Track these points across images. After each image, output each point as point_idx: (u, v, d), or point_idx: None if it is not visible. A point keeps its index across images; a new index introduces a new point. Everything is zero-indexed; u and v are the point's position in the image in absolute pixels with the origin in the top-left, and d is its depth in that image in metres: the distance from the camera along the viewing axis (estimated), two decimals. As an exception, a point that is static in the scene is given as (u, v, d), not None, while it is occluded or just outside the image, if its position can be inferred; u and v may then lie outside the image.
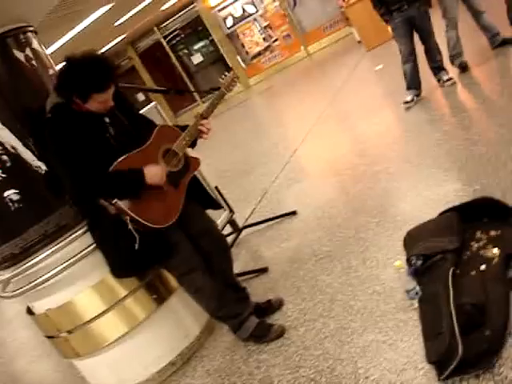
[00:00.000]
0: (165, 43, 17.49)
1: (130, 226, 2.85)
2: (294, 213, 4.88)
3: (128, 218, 2.84)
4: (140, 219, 2.84)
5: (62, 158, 2.87)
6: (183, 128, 3.23)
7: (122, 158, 2.86)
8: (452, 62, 6.28)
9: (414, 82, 6.13)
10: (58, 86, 2.90)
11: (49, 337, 3.51)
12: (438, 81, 6.18)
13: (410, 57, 6.06)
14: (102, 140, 2.93)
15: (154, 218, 2.90)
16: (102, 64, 2.85)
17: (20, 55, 3.15)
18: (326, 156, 6.45)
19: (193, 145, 3.25)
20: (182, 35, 17.70)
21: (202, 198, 3.40)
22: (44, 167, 3.07)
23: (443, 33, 6.15)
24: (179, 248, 3.08)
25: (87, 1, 7.55)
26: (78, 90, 2.82)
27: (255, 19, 16.37)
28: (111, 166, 2.83)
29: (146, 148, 2.99)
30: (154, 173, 2.91)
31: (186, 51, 17.88)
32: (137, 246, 2.89)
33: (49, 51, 3.47)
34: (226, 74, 3.47)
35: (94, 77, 2.79)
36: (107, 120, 3.00)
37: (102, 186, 2.86)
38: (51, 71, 3.37)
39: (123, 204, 2.83)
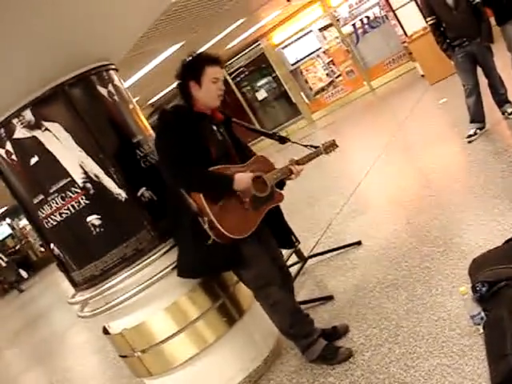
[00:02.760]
0: (230, 80, 17.87)
1: (205, 226, 3.05)
2: (358, 243, 4.94)
3: (206, 219, 3.04)
4: (216, 223, 3.03)
5: (166, 144, 3.15)
6: None
7: (219, 166, 3.14)
8: None
9: (477, 116, 6.14)
10: (178, 77, 3.31)
11: (123, 356, 3.66)
12: (503, 113, 6.15)
13: (473, 91, 6.09)
14: (204, 144, 3.19)
15: (229, 226, 3.08)
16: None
17: (103, 91, 3.41)
18: (390, 188, 6.49)
19: (281, 185, 3.53)
20: (247, 72, 18.06)
21: (280, 235, 3.64)
22: (124, 195, 3.28)
23: (509, 66, 6.15)
24: (257, 261, 3.25)
25: (162, 39, 7.90)
26: (191, 68, 3.22)
27: (318, 55, 16.59)
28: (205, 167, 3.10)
29: (241, 167, 3.27)
30: (242, 178, 3.14)
31: (249, 88, 18.22)
32: (210, 241, 3.06)
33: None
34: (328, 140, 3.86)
35: (204, 54, 3.32)
36: (214, 128, 3.32)
37: (194, 176, 3.08)
38: (131, 106, 3.62)
39: (206, 203, 3.04)
